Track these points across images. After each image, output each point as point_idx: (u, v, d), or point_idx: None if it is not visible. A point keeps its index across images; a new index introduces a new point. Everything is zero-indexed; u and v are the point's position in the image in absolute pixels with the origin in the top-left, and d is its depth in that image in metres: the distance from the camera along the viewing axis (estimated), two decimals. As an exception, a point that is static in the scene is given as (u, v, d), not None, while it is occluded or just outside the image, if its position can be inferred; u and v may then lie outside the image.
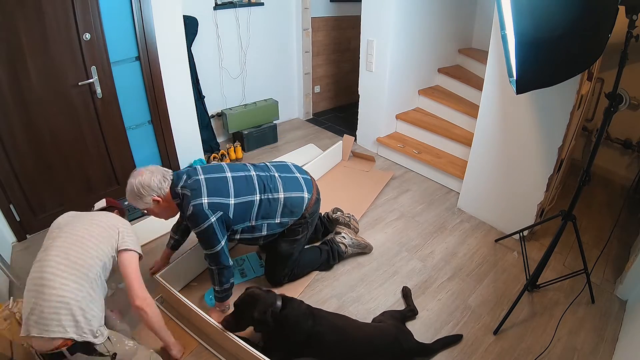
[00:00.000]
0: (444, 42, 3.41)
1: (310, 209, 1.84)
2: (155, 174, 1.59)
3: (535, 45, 1.32)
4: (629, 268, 1.88)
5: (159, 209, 1.64)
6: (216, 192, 1.59)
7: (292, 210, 1.77)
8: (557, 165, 2.04)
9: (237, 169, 1.74)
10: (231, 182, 1.66)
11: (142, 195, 1.56)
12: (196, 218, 1.54)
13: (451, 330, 1.75)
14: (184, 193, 1.58)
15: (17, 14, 1.85)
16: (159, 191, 1.58)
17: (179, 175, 1.65)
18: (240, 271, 2.01)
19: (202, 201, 1.54)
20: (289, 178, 1.83)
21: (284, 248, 1.85)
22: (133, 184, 1.57)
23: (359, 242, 2.15)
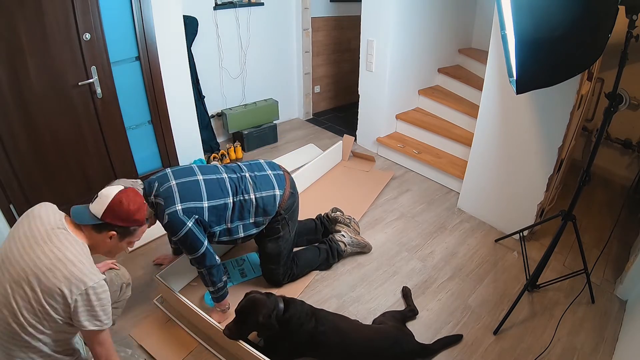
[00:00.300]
0: (444, 42, 3.41)
1: (284, 205, 1.80)
2: (127, 185, 1.55)
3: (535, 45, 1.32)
4: (629, 268, 1.89)
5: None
6: (189, 197, 1.57)
7: (265, 209, 1.75)
8: (557, 165, 2.04)
9: (208, 172, 1.71)
10: (203, 185, 1.63)
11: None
12: (173, 226, 1.53)
13: (451, 330, 1.75)
14: (157, 202, 1.56)
15: (17, 14, 1.85)
16: None
17: (150, 183, 1.61)
18: (240, 271, 2.01)
19: (177, 208, 1.52)
20: (259, 177, 1.80)
21: (269, 247, 1.84)
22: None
23: (358, 241, 2.15)
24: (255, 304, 1.46)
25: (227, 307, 1.77)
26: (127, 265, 2.07)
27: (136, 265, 2.09)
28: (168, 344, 1.65)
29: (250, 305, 1.46)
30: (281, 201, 1.79)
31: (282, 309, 1.49)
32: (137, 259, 2.14)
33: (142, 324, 1.74)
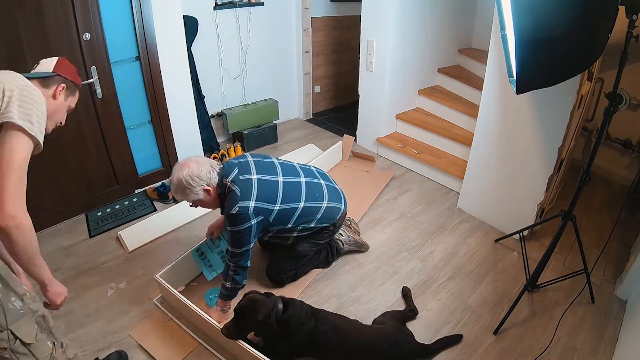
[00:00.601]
0: (444, 42, 3.41)
1: (340, 220, 1.89)
2: (203, 164, 1.56)
3: (535, 45, 1.32)
4: (629, 268, 1.88)
5: (209, 199, 1.61)
6: (265, 197, 1.57)
7: (327, 218, 1.81)
8: (557, 165, 2.04)
9: (289, 173, 1.72)
10: (281, 187, 1.63)
11: (191, 186, 1.53)
12: (238, 219, 1.52)
13: (451, 330, 1.75)
14: (232, 189, 1.55)
15: (17, 14, 1.85)
16: (208, 180, 1.55)
17: (230, 166, 1.61)
18: (218, 253, 1.92)
19: (250, 204, 1.52)
20: (331, 188, 1.88)
21: (305, 247, 1.87)
22: (181, 177, 1.52)
23: (355, 240, 2.16)
24: (254, 303, 1.46)
25: (228, 308, 1.77)
26: (127, 265, 2.08)
27: (136, 265, 2.09)
28: (168, 344, 1.65)
29: (249, 305, 1.46)
30: (341, 216, 1.87)
31: (281, 309, 1.49)
32: (137, 259, 2.14)
33: (142, 324, 1.74)
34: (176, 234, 2.35)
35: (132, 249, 2.19)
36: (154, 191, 2.66)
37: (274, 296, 1.53)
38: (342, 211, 1.89)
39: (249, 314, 1.43)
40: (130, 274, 2.02)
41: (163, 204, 2.61)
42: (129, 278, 2.00)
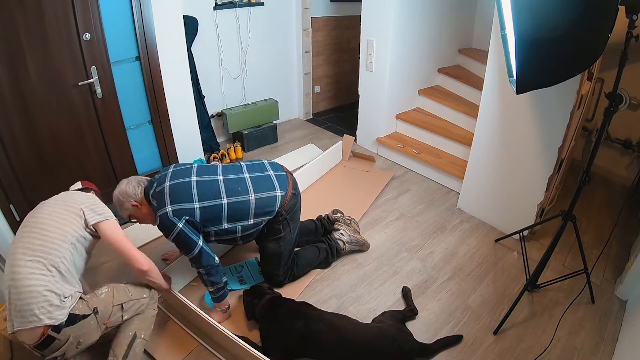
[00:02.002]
0: (444, 42, 3.41)
1: (286, 206, 1.80)
2: (131, 181, 1.69)
3: (535, 45, 1.32)
4: (629, 268, 1.89)
5: (141, 214, 1.70)
6: (179, 198, 1.60)
7: (265, 211, 1.75)
8: (557, 165, 2.04)
9: (205, 173, 1.73)
10: (194, 186, 1.66)
11: (122, 202, 1.66)
12: (164, 227, 1.58)
13: (451, 330, 1.75)
14: (152, 203, 1.64)
15: (17, 14, 1.85)
16: (134, 197, 1.65)
17: (152, 183, 1.70)
18: (239, 278, 2.00)
19: (167, 210, 1.57)
20: (260, 177, 1.80)
21: (270, 248, 1.85)
22: (115, 194, 1.68)
23: (356, 239, 2.15)
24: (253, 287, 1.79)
25: (227, 308, 1.77)
26: (127, 265, 2.08)
27: (136, 265, 2.08)
28: (168, 344, 1.65)
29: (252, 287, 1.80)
30: (283, 202, 1.78)
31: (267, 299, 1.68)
32: (137, 259, 2.13)
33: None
34: (176, 234, 2.34)
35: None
36: (154, 191, 2.67)
37: (271, 292, 1.75)
38: (281, 197, 1.78)
39: (247, 293, 1.76)
40: (130, 274, 2.01)
41: (163, 204, 2.60)
42: (129, 278, 1.99)
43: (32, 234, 1.30)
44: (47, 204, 1.44)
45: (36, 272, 1.23)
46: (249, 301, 1.71)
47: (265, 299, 1.67)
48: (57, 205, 1.42)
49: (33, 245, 1.27)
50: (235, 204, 1.69)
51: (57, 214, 1.37)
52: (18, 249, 1.27)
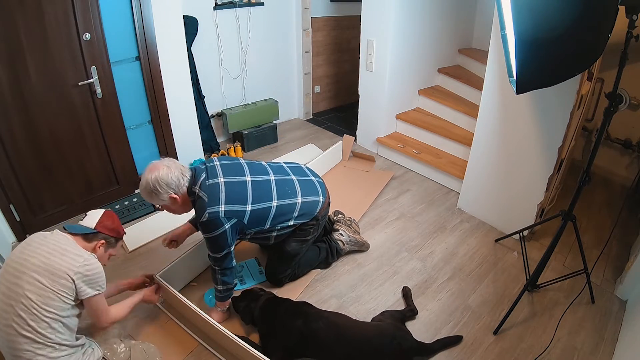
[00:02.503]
0: (444, 42, 3.41)
1: (322, 212, 1.86)
2: (173, 170, 1.51)
3: (535, 45, 1.32)
4: (629, 268, 1.89)
5: (176, 206, 1.59)
6: (234, 199, 1.55)
7: (306, 214, 1.79)
8: (557, 165, 2.04)
9: (257, 172, 1.70)
10: (250, 187, 1.61)
11: (158, 192, 1.49)
12: (210, 225, 1.51)
13: (451, 330, 1.75)
14: (200, 196, 1.53)
15: (17, 14, 1.85)
16: (176, 189, 1.52)
17: (198, 172, 1.58)
18: (239, 279, 1.99)
19: (219, 209, 1.50)
20: (305, 182, 1.84)
21: (293, 247, 1.85)
22: (149, 180, 1.48)
23: (356, 239, 2.15)
24: (247, 292, 1.74)
25: (227, 308, 1.77)
26: (127, 264, 2.08)
27: (136, 265, 2.09)
28: (168, 344, 1.65)
29: (245, 293, 1.74)
30: (321, 208, 1.83)
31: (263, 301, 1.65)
32: (137, 259, 2.14)
33: (142, 324, 1.74)
34: (176, 234, 2.35)
35: (132, 249, 2.19)
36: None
37: (265, 292, 1.72)
38: (322, 203, 1.83)
39: (240, 299, 1.71)
40: (130, 274, 2.01)
41: (163, 204, 2.60)
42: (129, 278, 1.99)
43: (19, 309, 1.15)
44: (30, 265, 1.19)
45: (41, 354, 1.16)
46: (245, 306, 1.66)
47: (262, 300, 1.65)
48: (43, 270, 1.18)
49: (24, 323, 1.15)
50: (284, 206, 1.70)
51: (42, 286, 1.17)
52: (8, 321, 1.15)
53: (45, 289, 1.16)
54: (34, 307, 1.15)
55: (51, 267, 1.18)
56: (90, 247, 1.33)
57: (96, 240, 1.34)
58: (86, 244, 1.32)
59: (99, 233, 1.34)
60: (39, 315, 1.15)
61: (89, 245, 1.33)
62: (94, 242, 1.34)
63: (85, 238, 1.32)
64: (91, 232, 1.33)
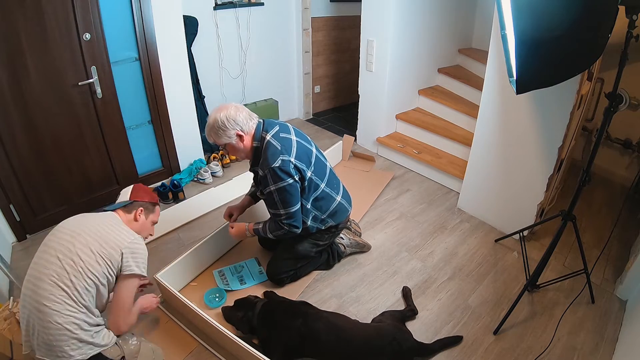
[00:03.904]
0: (444, 42, 3.41)
1: (344, 222, 1.91)
2: (241, 110, 1.60)
3: (535, 45, 1.32)
4: (629, 268, 1.88)
5: (240, 147, 1.63)
6: (302, 158, 1.61)
7: (336, 215, 1.82)
8: (557, 165, 2.04)
9: (319, 152, 1.77)
10: (314, 157, 1.68)
11: (226, 128, 1.56)
12: (281, 173, 1.54)
13: (451, 330, 1.75)
14: (272, 143, 1.58)
15: (17, 14, 1.85)
16: (244, 126, 1.58)
17: (270, 123, 1.65)
18: (239, 278, 2.00)
19: (291, 160, 1.55)
20: (345, 189, 1.91)
21: (305, 247, 1.87)
22: (217, 117, 1.56)
23: (357, 242, 2.16)
24: (242, 301, 1.69)
25: (250, 235, 1.82)
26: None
27: (136, 265, 2.08)
28: (168, 344, 1.65)
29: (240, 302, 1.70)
30: (346, 218, 1.89)
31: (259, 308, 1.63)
32: (137, 259, 2.13)
33: (142, 324, 1.74)
34: (176, 234, 2.35)
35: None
36: (154, 191, 2.66)
37: (259, 299, 1.71)
38: (349, 214, 1.92)
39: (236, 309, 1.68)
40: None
41: (163, 204, 2.60)
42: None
43: (65, 262, 1.22)
44: (85, 230, 1.30)
45: (68, 310, 1.20)
46: (242, 317, 1.63)
47: (259, 307, 1.63)
48: (96, 236, 1.29)
49: (65, 277, 1.21)
50: (328, 194, 1.75)
51: (93, 249, 1.27)
52: (48, 272, 1.21)
53: (95, 252, 1.26)
54: (81, 265, 1.23)
55: (105, 237, 1.30)
56: (131, 217, 1.46)
57: (135, 210, 1.47)
58: (128, 215, 1.45)
59: (135, 202, 1.47)
60: (82, 274, 1.22)
61: (130, 215, 1.46)
62: (134, 212, 1.46)
63: (125, 210, 1.45)
64: (129, 203, 1.46)
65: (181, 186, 2.67)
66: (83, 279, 1.23)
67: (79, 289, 1.22)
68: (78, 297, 1.22)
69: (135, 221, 1.46)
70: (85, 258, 1.24)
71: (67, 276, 1.21)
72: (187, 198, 2.65)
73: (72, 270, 1.22)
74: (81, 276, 1.23)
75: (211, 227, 2.27)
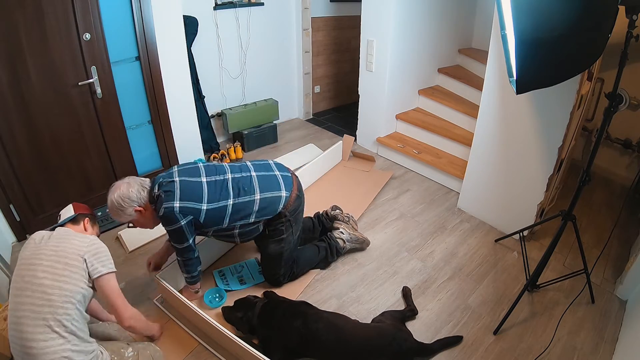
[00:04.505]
0: (444, 42, 3.41)
1: (289, 207, 1.80)
2: (132, 184, 1.61)
3: (535, 45, 1.32)
4: (629, 268, 1.89)
5: (144, 219, 1.66)
6: (188, 196, 1.60)
7: (267, 211, 1.76)
8: (557, 165, 2.04)
9: (213, 173, 1.73)
10: (205, 187, 1.66)
11: (123, 208, 1.57)
12: (167, 220, 1.58)
13: (451, 330, 1.75)
14: (159, 195, 1.60)
15: (17, 14, 1.85)
16: (139, 201, 1.59)
17: (156, 180, 1.67)
18: (238, 278, 2.00)
19: (174, 205, 1.56)
20: (266, 177, 1.80)
21: (272, 248, 1.85)
22: (112, 199, 1.58)
23: (357, 237, 2.15)
24: (241, 302, 1.71)
25: (197, 290, 1.85)
26: (127, 265, 2.09)
27: (136, 265, 2.09)
28: (168, 344, 1.65)
29: (239, 302, 1.71)
30: (287, 203, 1.79)
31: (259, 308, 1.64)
32: (137, 259, 2.14)
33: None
34: (176, 234, 2.34)
35: (132, 249, 2.19)
36: (154, 191, 2.66)
37: (259, 299, 1.72)
38: (286, 198, 1.78)
39: (236, 309, 1.68)
40: (130, 274, 2.02)
41: (163, 204, 2.60)
42: (129, 278, 2.00)
43: (34, 298, 1.19)
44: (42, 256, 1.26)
45: (56, 344, 1.18)
46: (242, 317, 1.64)
47: (258, 308, 1.64)
48: (55, 257, 1.26)
49: (41, 312, 1.18)
50: (240, 204, 1.70)
51: (57, 271, 1.23)
52: (24, 313, 1.18)
53: (59, 274, 1.23)
54: (49, 293, 1.20)
55: (62, 253, 1.28)
56: (81, 228, 1.47)
57: (82, 220, 1.49)
58: (77, 227, 1.46)
59: (79, 214, 1.50)
60: (56, 302, 1.20)
61: (79, 227, 1.47)
62: (81, 223, 1.49)
63: (73, 223, 1.47)
64: (75, 216, 1.49)
65: (181, 186, 2.66)
66: (60, 307, 1.20)
67: (59, 318, 1.19)
68: (61, 327, 1.19)
69: (85, 231, 1.47)
70: (52, 283, 1.21)
71: (42, 311, 1.18)
72: (187, 198, 2.65)
73: (45, 303, 1.19)
74: (57, 305, 1.20)
75: (211, 227, 2.27)
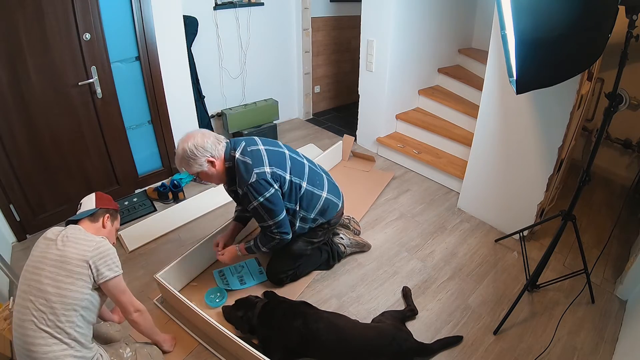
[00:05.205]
0: (444, 42, 3.41)
1: (336, 217, 1.88)
2: (208, 135, 1.58)
3: (535, 45, 1.32)
4: (629, 268, 1.88)
5: (214, 172, 1.61)
6: (277, 163, 1.60)
7: (326, 212, 1.80)
8: (557, 165, 2.04)
9: (293, 151, 1.76)
10: (288, 158, 1.67)
11: (195, 157, 1.53)
12: (259, 187, 1.53)
13: (451, 330, 1.75)
14: (243, 160, 1.56)
15: (17, 14, 1.85)
16: (213, 152, 1.56)
17: (237, 141, 1.64)
18: (239, 278, 2.00)
19: (265, 169, 1.53)
20: (331, 182, 1.88)
21: (299, 245, 1.85)
22: (186, 147, 1.53)
23: (357, 241, 2.15)
24: (241, 301, 1.69)
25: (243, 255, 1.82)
26: (127, 265, 2.09)
27: (136, 265, 2.09)
28: (168, 344, 1.65)
29: (239, 302, 1.70)
30: (338, 212, 1.87)
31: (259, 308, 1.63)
32: (137, 259, 2.14)
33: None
34: (176, 234, 2.35)
35: (132, 249, 2.19)
36: (154, 191, 2.66)
37: (260, 299, 1.71)
38: (340, 208, 1.88)
39: (237, 309, 1.67)
40: (130, 274, 2.02)
41: (163, 204, 2.61)
42: (129, 278, 2.00)
43: (38, 304, 1.18)
44: (47, 261, 1.23)
45: (55, 349, 1.17)
46: (242, 316, 1.63)
47: (259, 307, 1.64)
48: (58, 263, 1.22)
49: (44, 318, 1.17)
50: (311, 193, 1.72)
51: (60, 278, 1.21)
52: (27, 317, 1.17)
53: (62, 281, 1.20)
54: (52, 301, 1.18)
55: (66, 258, 1.22)
56: (99, 226, 1.40)
57: (101, 217, 1.41)
58: (94, 224, 1.39)
59: (100, 209, 1.42)
60: (59, 309, 1.18)
61: (97, 224, 1.39)
62: (100, 219, 1.41)
63: (91, 219, 1.39)
64: (95, 211, 1.40)
65: (181, 186, 2.67)
66: (62, 314, 1.18)
67: (61, 326, 1.18)
68: (63, 334, 1.18)
69: (104, 228, 1.41)
70: (56, 291, 1.19)
71: (45, 317, 1.17)
72: (187, 198, 2.66)
73: (48, 311, 1.17)
74: (59, 313, 1.18)
75: (211, 227, 2.27)
